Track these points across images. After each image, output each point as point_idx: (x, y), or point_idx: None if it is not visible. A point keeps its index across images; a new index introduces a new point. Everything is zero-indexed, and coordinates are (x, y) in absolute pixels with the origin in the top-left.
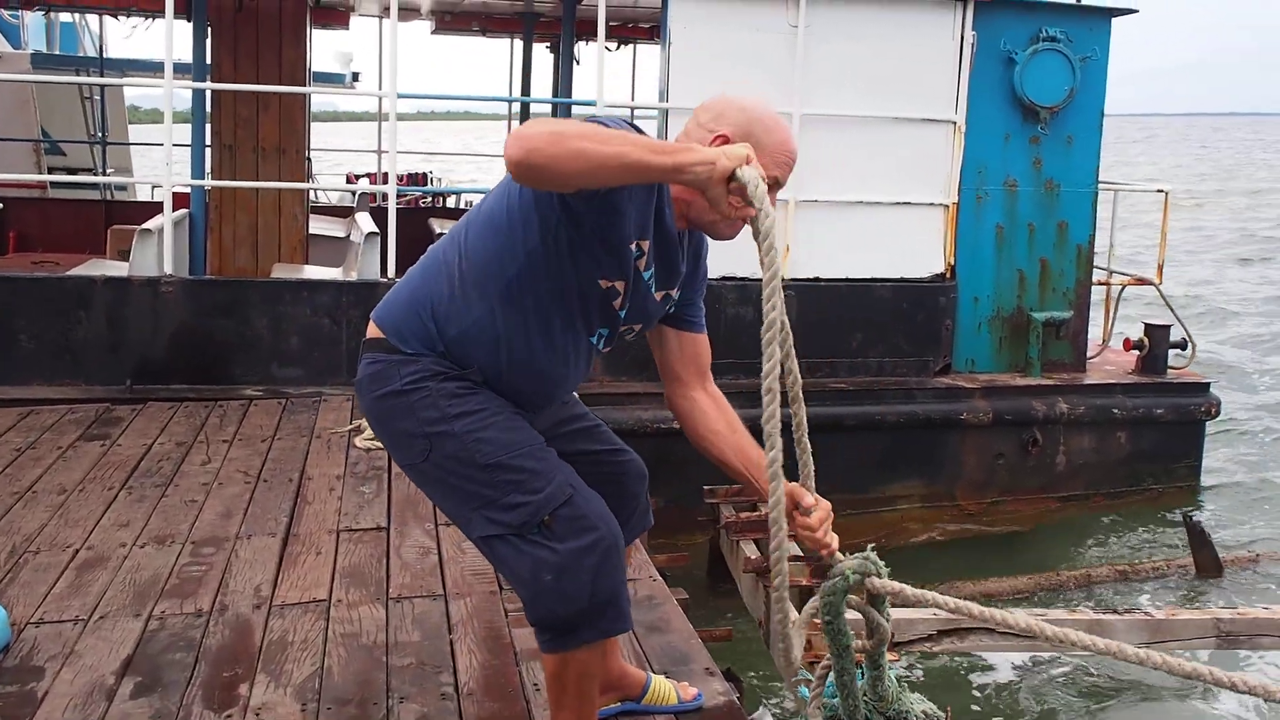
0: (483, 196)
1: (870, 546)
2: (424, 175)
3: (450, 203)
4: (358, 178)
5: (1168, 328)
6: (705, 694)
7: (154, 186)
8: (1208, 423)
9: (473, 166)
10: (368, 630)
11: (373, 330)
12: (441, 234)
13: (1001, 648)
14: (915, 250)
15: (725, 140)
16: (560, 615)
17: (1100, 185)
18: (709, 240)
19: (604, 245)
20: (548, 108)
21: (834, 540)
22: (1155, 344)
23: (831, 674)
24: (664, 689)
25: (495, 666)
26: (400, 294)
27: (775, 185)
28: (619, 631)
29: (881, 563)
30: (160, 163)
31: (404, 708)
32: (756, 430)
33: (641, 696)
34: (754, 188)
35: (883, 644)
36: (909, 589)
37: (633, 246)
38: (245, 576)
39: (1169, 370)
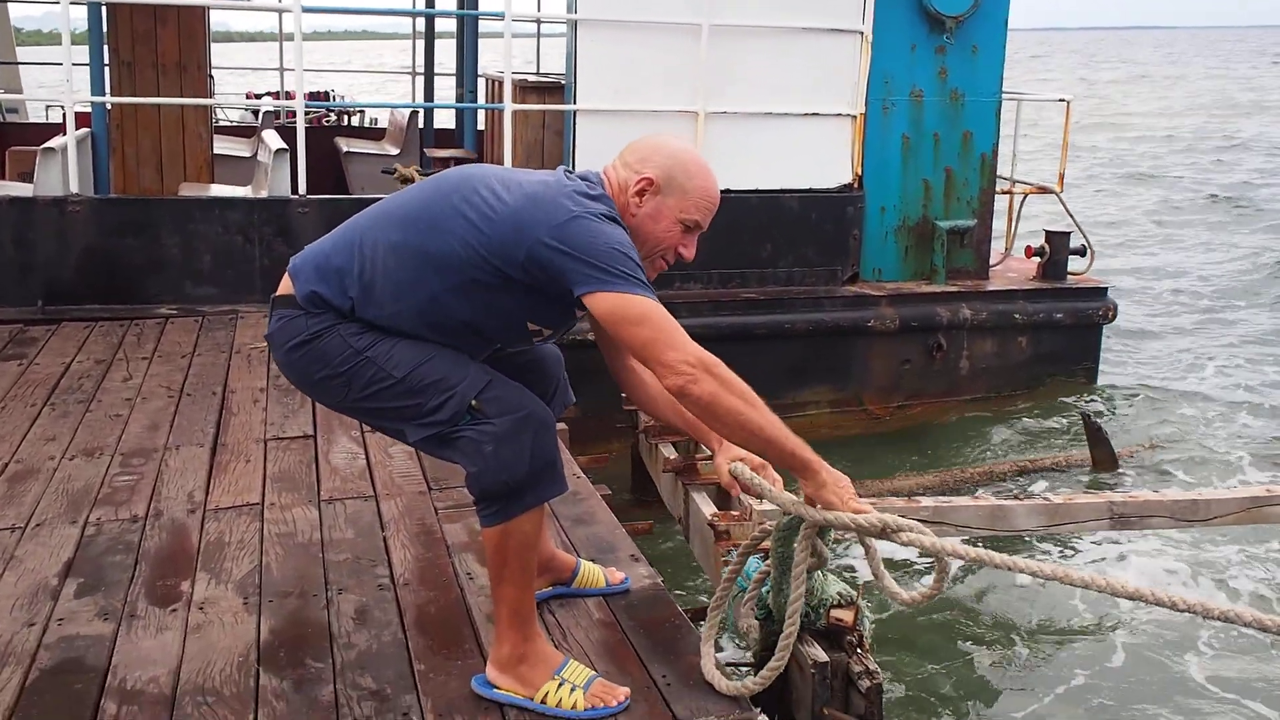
0: (425, 195)
1: None
2: (326, 94)
3: (355, 120)
4: (258, 96)
5: (1068, 234)
6: (631, 578)
7: (48, 106)
8: (1105, 326)
9: (371, 85)
10: (302, 530)
11: (285, 286)
12: (348, 152)
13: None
14: (823, 161)
15: (650, 183)
16: (503, 482)
17: (1003, 95)
18: None
19: (559, 306)
20: (454, 23)
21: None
22: (1055, 251)
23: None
24: (593, 573)
25: (429, 559)
26: (318, 260)
27: (696, 228)
28: (557, 493)
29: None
30: (52, 85)
31: (343, 598)
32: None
33: (572, 580)
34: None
35: (820, 566)
36: (857, 519)
37: (579, 313)
38: (177, 484)
39: (1068, 276)
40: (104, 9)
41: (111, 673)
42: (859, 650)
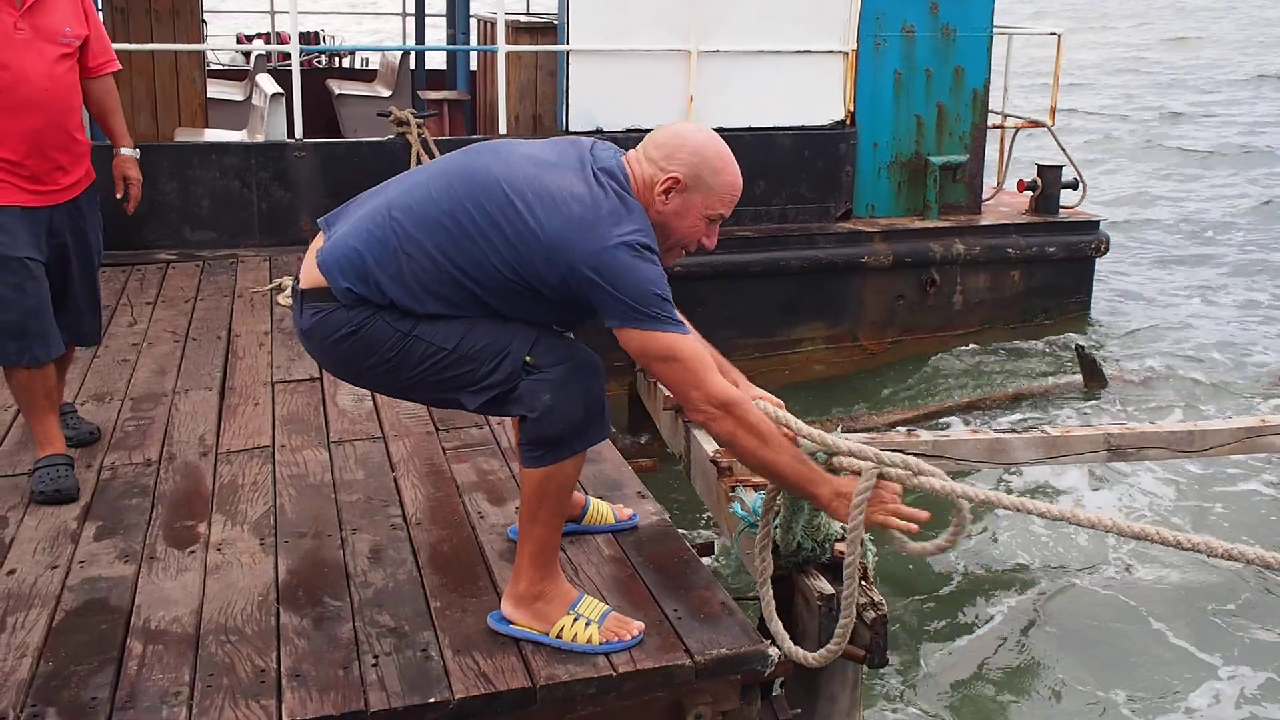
0: (455, 194)
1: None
2: (316, 35)
3: (346, 63)
4: (249, 39)
5: (1060, 168)
6: (639, 514)
7: None
8: (1097, 259)
9: (360, 26)
10: (314, 471)
11: (315, 278)
12: (340, 95)
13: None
14: (815, 98)
15: (676, 182)
16: (561, 428)
17: (994, 29)
18: None
19: (588, 315)
20: None
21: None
22: (1048, 184)
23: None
24: (602, 510)
25: (439, 499)
26: (349, 255)
27: (719, 219)
28: (602, 438)
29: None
30: None
31: (357, 538)
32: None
33: (582, 517)
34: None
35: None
36: (867, 454)
37: None
38: (188, 428)
39: (1061, 210)
40: None
41: (135, 613)
42: (863, 582)
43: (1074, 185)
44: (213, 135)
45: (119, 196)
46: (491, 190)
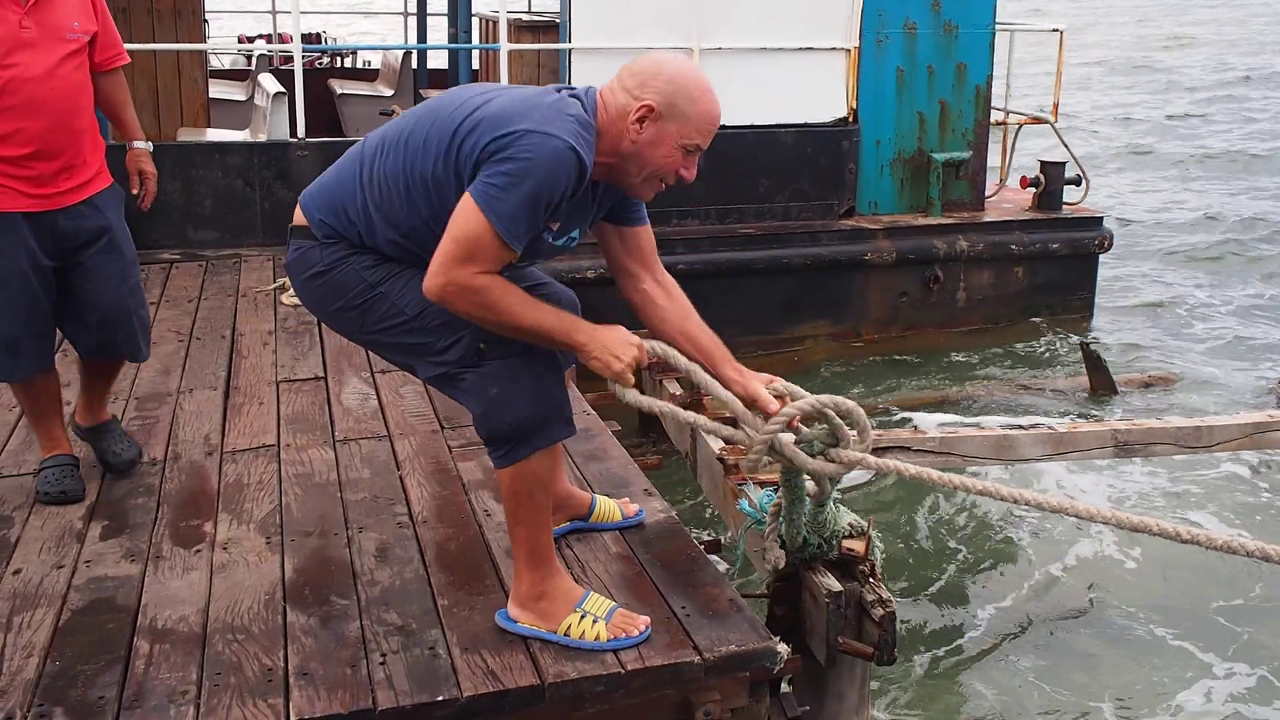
0: (422, 110)
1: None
2: (318, 35)
3: (348, 62)
4: (250, 39)
5: (1063, 164)
6: (646, 511)
7: None
8: (1101, 255)
9: (361, 26)
10: (319, 470)
11: (298, 217)
12: (342, 94)
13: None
14: (818, 95)
15: (650, 110)
16: (509, 424)
17: (997, 26)
18: None
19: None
20: None
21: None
22: (1051, 181)
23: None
24: (608, 507)
25: (445, 497)
26: (325, 190)
27: (697, 150)
28: (565, 435)
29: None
30: None
31: (364, 537)
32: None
33: (589, 515)
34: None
35: (829, 493)
36: (868, 459)
37: (543, 233)
38: (193, 427)
39: (1064, 206)
40: None
41: (142, 612)
42: (871, 579)
43: (1077, 182)
44: (215, 135)
45: (134, 192)
46: (454, 101)
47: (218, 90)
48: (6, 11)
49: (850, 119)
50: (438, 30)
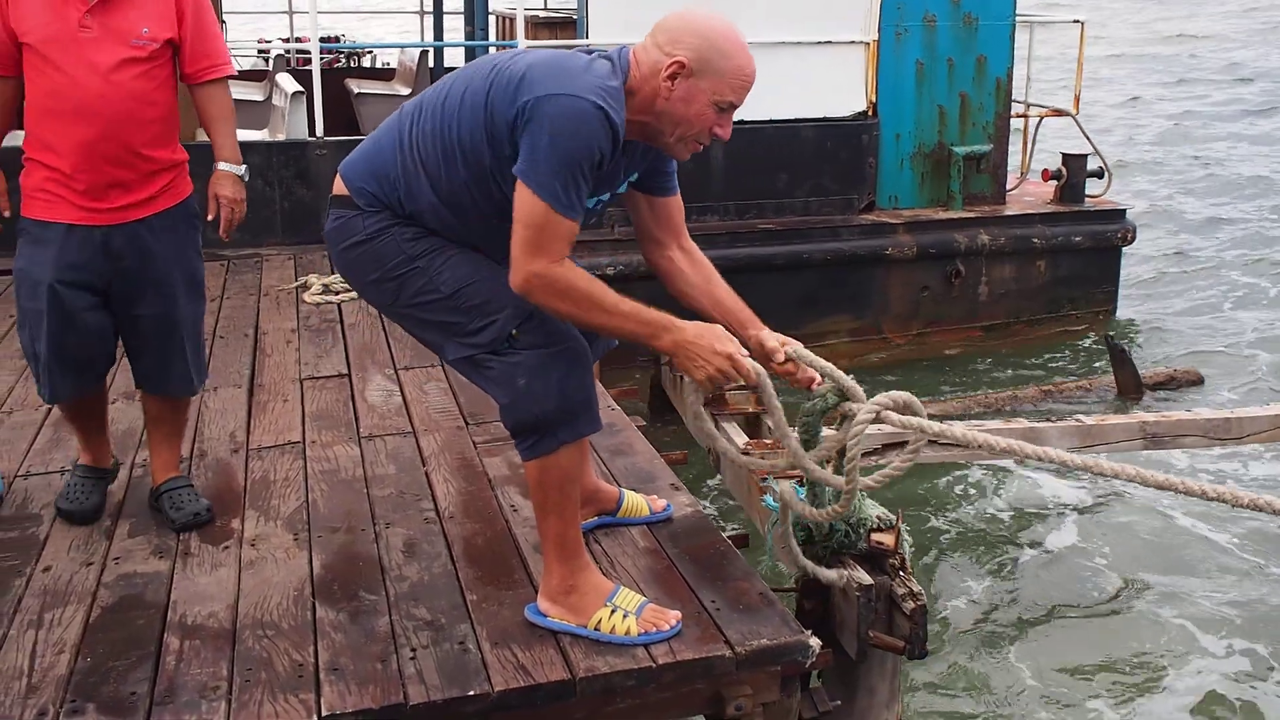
0: (455, 81)
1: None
2: (336, 36)
3: (364, 61)
4: (269, 42)
5: (1085, 157)
6: (673, 506)
7: None
8: (1124, 248)
9: (377, 25)
10: (345, 466)
11: (338, 186)
12: (359, 94)
13: (943, 458)
14: (837, 89)
15: (681, 66)
16: (536, 416)
17: (1017, 18)
18: None
19: None
20: None
21: (814, 374)
22: (1073, 174)
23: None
24: (636, 502)
25: (471, 492)
26: (365, 156)
27: (731, 108)
28: (592, 430)
29: (859, 389)
30: None
31: (391, 532)
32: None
33: (616, 510)
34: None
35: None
36: (889, 412)
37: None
38: (219, 424)
39: (1086, 199)
40: None
41: (171, 609)
42: (901, 572)
43: (1099, 174)
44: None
45: (210, 218)
46: (483, 66)
47: (236, 91)
48: (69, 8)
49: (870, 113)
50: (454, 28)
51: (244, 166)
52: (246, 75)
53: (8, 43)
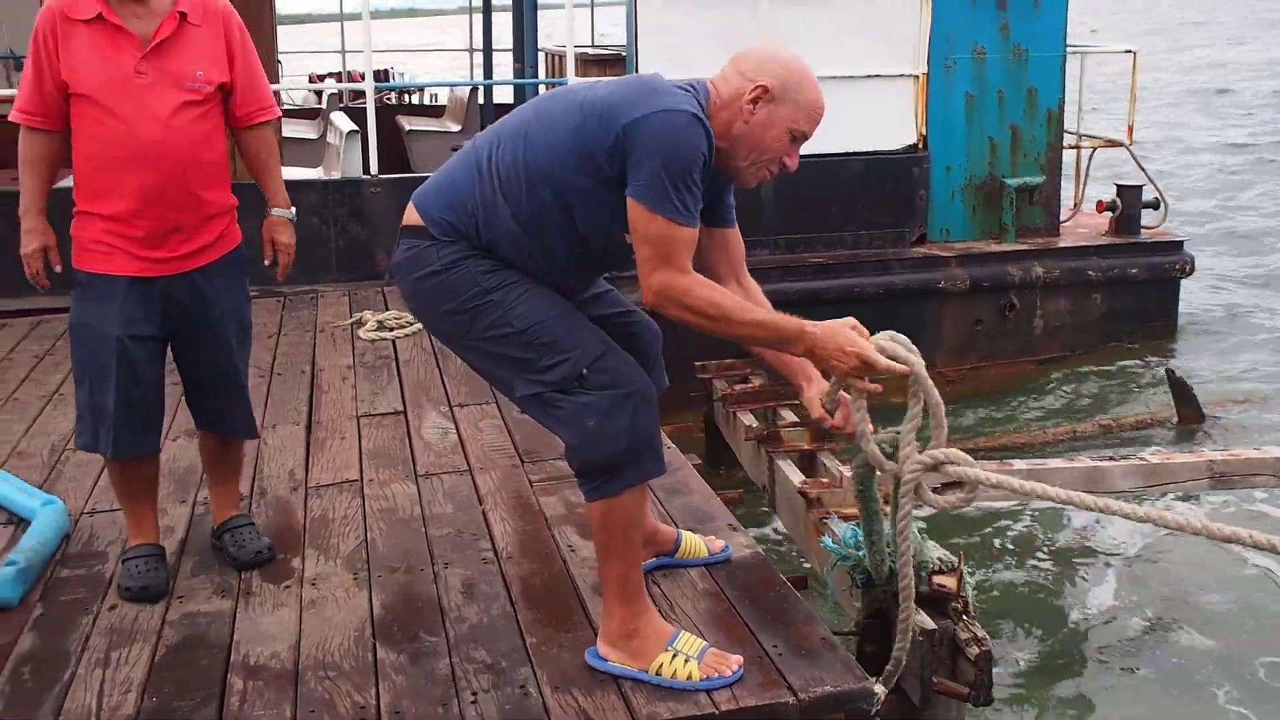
0: (537, 108)
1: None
2: (386, 72)
3: (414, 98)
4: (320, 78)
5: (1140, 188)
6: (732, 547)
7: None
8: (1182, 280)
9: (427, 62)
10: (402, 505)
11: (412, 217)
12: (410, 130)
13: (1003, 499)
14: (886, 122)
15: (765, 91)
16: (604, 457)
17: (1068, 49)
18: None
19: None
20: None
21: (857, 420)
22: (1128, 205)
23: (858, 530)
24: (694, 543)
25: (529, 532)
26: (440, 187)
27: (802, 138)
28: (657, 473)
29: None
30: None
31: (450, 572)
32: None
33: (675, 551)
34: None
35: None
36: (943, 455)
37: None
38: (278, 462)
39: (1142, 230)
40: None
41: (234, 648)
42: (965, 616)
43: (1155, 205)
44: (289, 173)
45: (266, 263)
46: (565, 92)
47: (290, 129)
48: (122, 55)
49: (920, 145)
50: (503, 66)
51: (293, 210)
52: (300, 113)
53: (56, 96)
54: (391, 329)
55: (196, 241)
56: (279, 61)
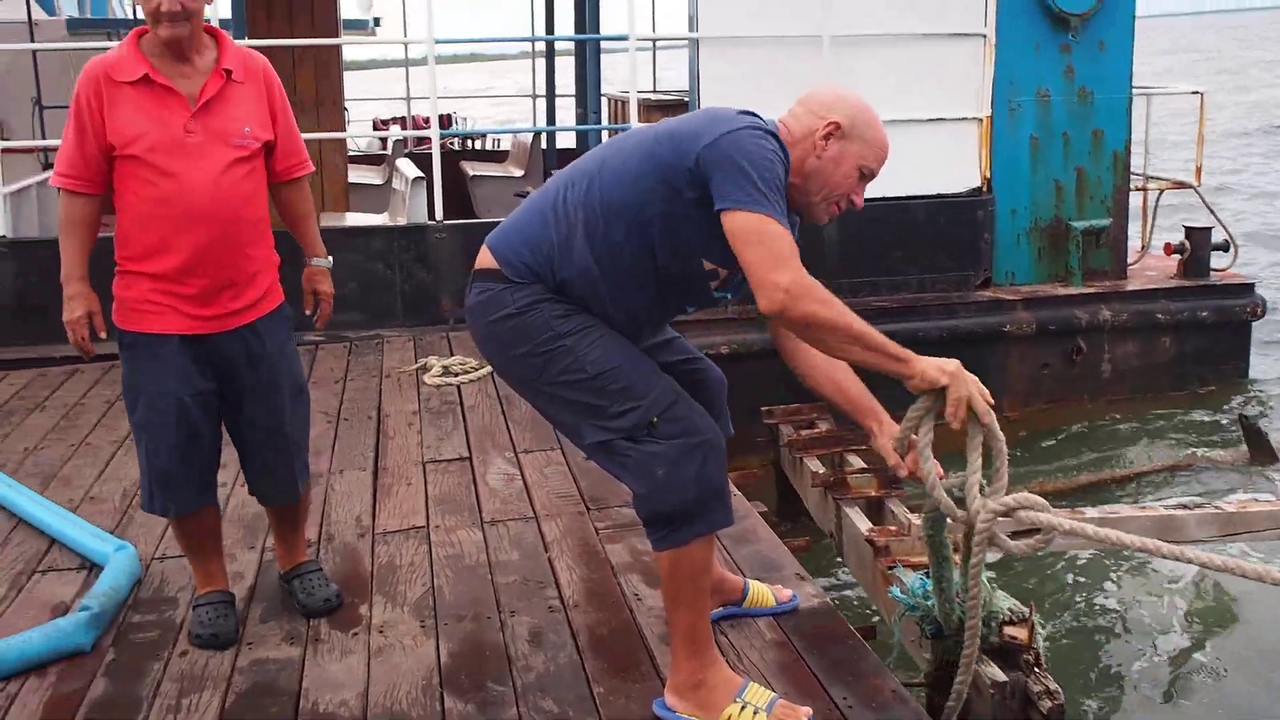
0: (610, 146)
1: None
2: (449, 117)
3: (477, 144)
4: (385, 124)
5: (1209, 230)
6: (799, 596)
7: None
8: (1254, 323)
9: (491, 108)
10: (469, 552)
11: (486, 259)
12: (474, 176)
13: (1076, 546)
14: (951, 165)
15: (836, 127)
16: (673, 507)
17: (1134, 90)
18: None
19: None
20: (572, 44)
21: (927, 468)
22: (1196, 247)
23: (928, 579)
24: (762, 592)
25: (595, 580)
26: (515, 228)
27: (870, 176)
28: (726, 524)
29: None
30: None
31: (516, 621)
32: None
33: (742, 600)
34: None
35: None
36: (1015, 502)
37: (709, 281)
38: (345, 508)
39: (1212, 272)
40: None
41: (304, 696)
42: (1036, 669)
43: (1225, 247)
44: (355, 219)
45: (308, 312)
46: (641, 129)
47: (356, 175)
48: (172, 115)
49: (984, 189)
50: (566, 111)
51: (331, 259)
52: (365, 159)
53: (99, 158)
54: (456, 374)
55: (245, 298)
56: (345, 108)
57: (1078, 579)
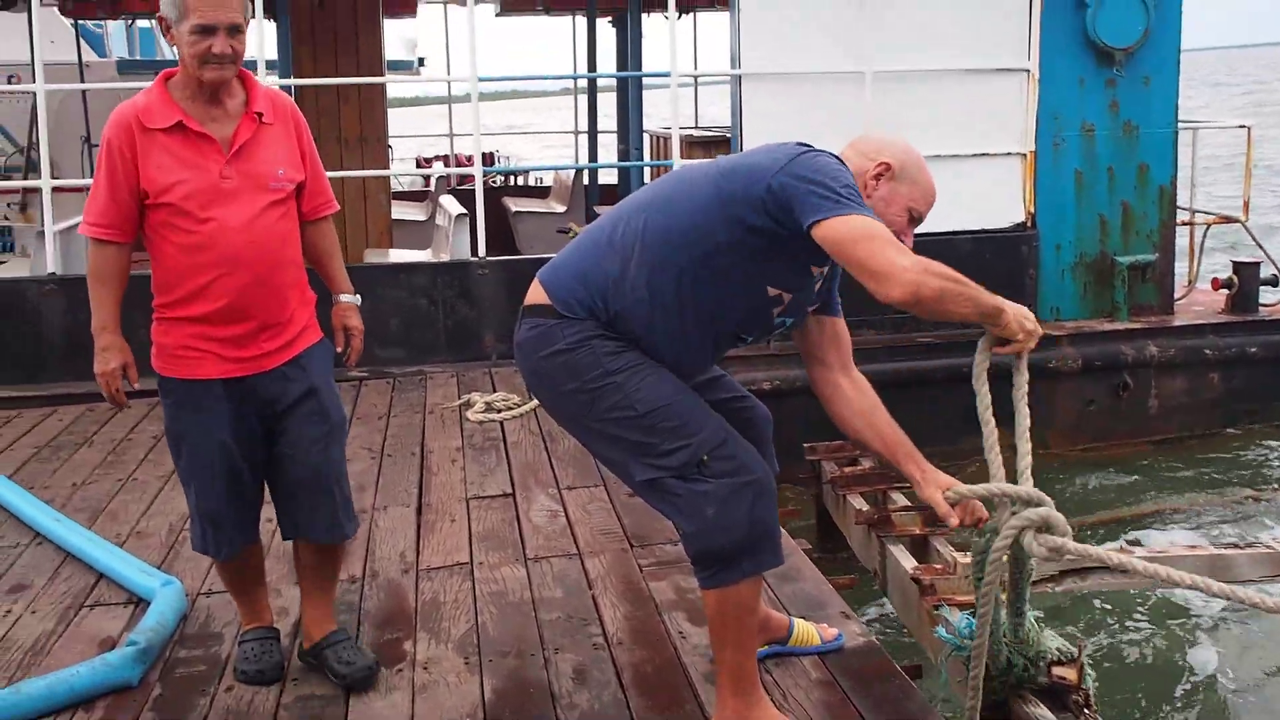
0: (664, 182)
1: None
2: (491, 154)
3: (520, 180)
4: (428, 161)
5: (1257, 264)
6: (845, 635)
7: None
8: None
9: (535, 144)
10: (513, 589)
11: (538, 295)
12: (517, 212)
13: (1123, 585)
14: (995, 200)
15: (887, 168)
16: (722, 546)
17: (1180, 124)
18: None
19: (795, 261)
20: (614, 81)
21: (984, 511)
22: (1245, 282)
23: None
24: (807, 631)
25: (639, 617)
26: (567, 263)
27: (918, 219)
28: (775, 564)
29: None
30: None
31: (560, 658)
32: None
33: (787, 638)
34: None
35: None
36: (1068, 543)
37: (814, 270)
38: (389, 544)
39: (1260, 308)
40: (291, 90)
41: None
42: (1085, 710)
43: (1274, 282)
44: (398, 255)
45: (339, 350)
46: (698, 165)
47: (399, 211)
48: (207, 161)
49: (1029, 224)
50: (608, 148)
51: (359, 296)
52: (409, 195)
53: (131, 206)
54: (499, 410)
55: (283, 337)
56: (390, 146)
57: (1124, 620)
